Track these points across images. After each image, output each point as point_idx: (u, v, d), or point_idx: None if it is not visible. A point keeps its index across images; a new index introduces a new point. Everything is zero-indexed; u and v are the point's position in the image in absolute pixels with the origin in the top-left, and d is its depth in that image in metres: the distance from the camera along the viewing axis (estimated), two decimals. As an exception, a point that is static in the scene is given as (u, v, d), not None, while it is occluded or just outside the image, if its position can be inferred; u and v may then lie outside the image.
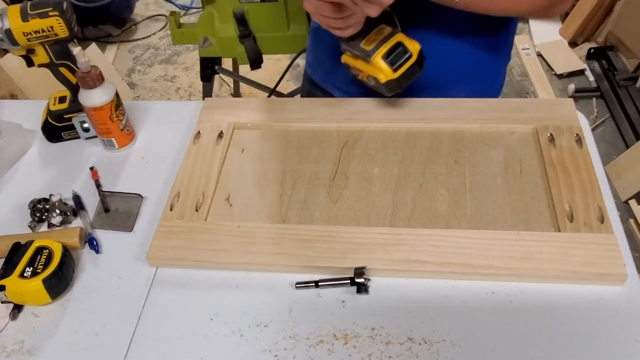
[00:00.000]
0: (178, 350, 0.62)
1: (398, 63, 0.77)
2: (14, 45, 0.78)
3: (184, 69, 2.59)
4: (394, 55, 0.76)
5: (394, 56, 0.76)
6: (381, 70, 0.76)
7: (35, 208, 0.77)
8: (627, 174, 1.84)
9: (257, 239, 0.70)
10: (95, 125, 0.84)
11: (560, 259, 0.64)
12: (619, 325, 0.61)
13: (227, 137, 0.84)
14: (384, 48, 0.76)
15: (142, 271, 0.70)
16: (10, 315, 0.66)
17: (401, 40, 0.76)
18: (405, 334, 0.62)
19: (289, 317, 0.64)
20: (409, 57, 0.77)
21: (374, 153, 0.81)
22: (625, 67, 2.29)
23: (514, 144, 0.80)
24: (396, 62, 0.76)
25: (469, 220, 0.71)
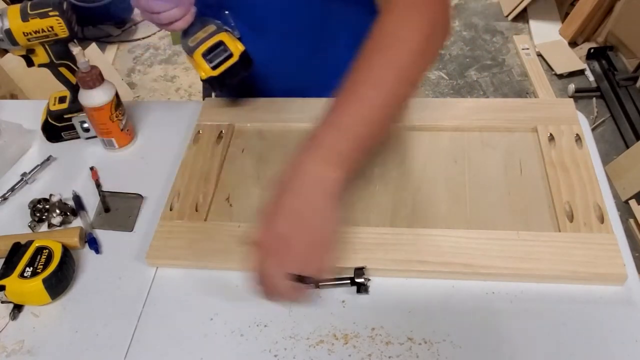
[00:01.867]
0: (178, 350, 0.62)
1: (217, 61, 0.79)
2: (14, 45, 0.78)
3: (184, 69, 2.59)
4: (214, 54, 0.79)
5: (215, 54, 0.79)
6: (201, 66, 0.79)
7: (35, 208, 0.77)
8: (627, 174, 1.84)
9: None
10: (95, 125, 0.84)
11: (560, 259, 0.64)
12: (619, 325, 0.61)
13: (227, 137, 0.84)
14: (205, 45, 0.79)
15: (142, 271, 0.70)
16: (10, 315, 0.66)
17: (223, 39, 0.79)
18: (405, 334, 0.62)
19: (289, 317, 0.64)
20: (229, 56, 0.79)
21: (373, 153, 0.81)
22: (625, 67, 2.29)
23: (514, 144, 0.80)
24: (215, 59, 0.79)
25: (469, 220, 0.71)
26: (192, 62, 0.82)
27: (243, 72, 0.81)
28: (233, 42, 0.80)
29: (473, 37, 2.63)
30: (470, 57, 2.53)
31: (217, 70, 0.80)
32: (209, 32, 0.79)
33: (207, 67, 0.79)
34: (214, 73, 0.80)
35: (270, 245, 0.59)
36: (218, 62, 0.79)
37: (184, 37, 0.81)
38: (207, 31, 0.80)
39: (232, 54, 0.79)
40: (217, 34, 0.79)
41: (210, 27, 0.80)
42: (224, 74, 0.80)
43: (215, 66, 0.79)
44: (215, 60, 0.79)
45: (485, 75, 2.44)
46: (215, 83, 0.81)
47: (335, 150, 0.60)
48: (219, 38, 0.79)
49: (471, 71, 2.46)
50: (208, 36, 0.79)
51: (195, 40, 0.80)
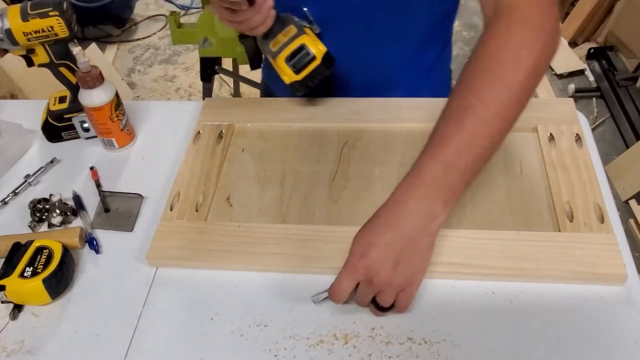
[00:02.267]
0: (178, 350, 0.62)
1: (300, 65, 0.79)
2: (14, 45, 0.78)
3: (184, 69, 2.59)
4: (297, 58, 0.78)
5: (298, 59, 0.78)
6: (285, 72, 0.79)
7: (35, 208, 0.77)
8: (627, 174, 1.84)
9: (257, 239, 0.70)
10: (95, 125, 0.84)
11: (560, 259, 0.64)
12: (619, 325, 0.61)
13: (227, 137, 0.84)
14: (287, 50, 0.78)
15: (142, 271, 0.70)
16: (10, 315, 0.66)
17: (305, 42, 0.78)
18: (405, 334, 0.62)
19: (289, 317, 0.64)
20: (312, 59, 0.78)
21: (374, 153, 0.81)
22: (625, 67, 2.29)
23: (514, 144, 0.80)
24: (299, 64, 0.79)
25: (469, 220, 0.71)
26: (274, 65, 0.81)
27: (326, 72, 0.80)
28: (315, 44, 0.79)
29: (473, 37, 2.63)
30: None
31: (301, 75, 0.79)
32: (290, 36, 0.78)
33: (291, 72, 0.79)
34: (298, 77, 0.79)
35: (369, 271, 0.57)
36: (301, 66, 0.79)
37: (265, 39, 0.80)
38: (288, 34, 0.79)
39: (315, 57, 0.78)
40: (299, 37, 0.78)
41: (291, 29, 0.79)
42: (308, 77, 0.79)
43: (299, 70, 0.79)
44: (298, 65, 0.79)
45: (485, 75, 2.43)
46: (299, 87, 0.81)
47: (440, 187, 0.58)
48: (300, 41, 0.78)
49: (471, 71, 2.45)
50: (290, 40, 0.78)
51: (277, 44, 0.79)
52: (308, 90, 0.82)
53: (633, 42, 2.25)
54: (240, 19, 0.74)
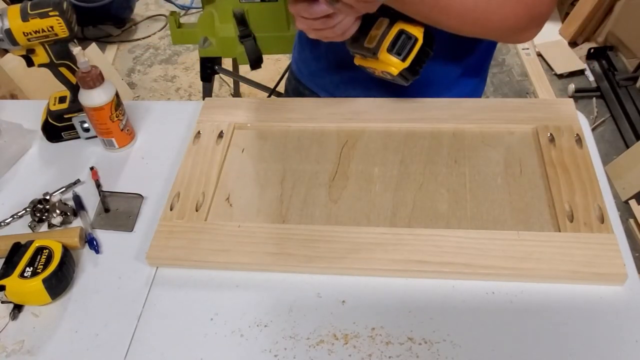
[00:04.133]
0: (178, 350, 0.62)
1: (405, 51, 0.75)
2: (14, 45, 0.78)
3: (184, 69, 2.59)
4: (399, 45, 0.74)
5: (400, 45, 0.74)
6: (391, 63, 0.75)
7: (35, 208, 0.77)
8: (627, 174, 1.84)
9: (257, 239, 0.70)
10: (95, 125, 0.84)
11: (560, 259, 0.64)
12: (619, 325, 0.61)
13: (227, 137, 0.84)
14: (387, 41, 0.74)
15: (142, 271, 0.70)
16: (10, 315, 0.66)
17: (402, 27, 0.74)
18: (405, 334, 0.62)
19: (289, 317, 0.64)
20: (415, 41, 0.75)
21: (374, 153, 0.81)
22: (625, 67, 2.29)
23: (514, 144, 0.80)
24: (403, 50, 0.74)
25: (469, 220, 0.71)
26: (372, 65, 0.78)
27: (430, 51, 0.76)
28: (412, 26, 0.74)
29: (473, 37, 2.63)
30: (470, 57, 2.53)
31: (408, 60, 0.75)
32: (384, 27, 0.75)
33: (397, 61, 0.75)
34: (406, 64, 0.75)
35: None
36: (406, 51, 0.74)
37: (355, 42, 0.77)
38: (380, 26, 0.75)
39: (417, 39, 0.74)
40: (394, 24, 0.74)
41: (382, 21, 0.75)
42: (415, 62, 0.75)
43: (405, 57, 0.75)
44: (403, 52, 0.74)
45: (485, 75, 2.43)
46: (408, 74, 0.76)
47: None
48: (398, 27, 0.74)
49: (471, 71, 2.45)
50: (386, 30, 0.74)
51: (372, 40, 0.75)
52: (417, 75, 0.77)
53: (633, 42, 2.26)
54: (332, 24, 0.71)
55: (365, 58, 0.78)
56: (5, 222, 0.77)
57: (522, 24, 0.73)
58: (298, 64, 1.02)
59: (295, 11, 0.71)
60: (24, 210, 0.78)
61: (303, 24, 0.72)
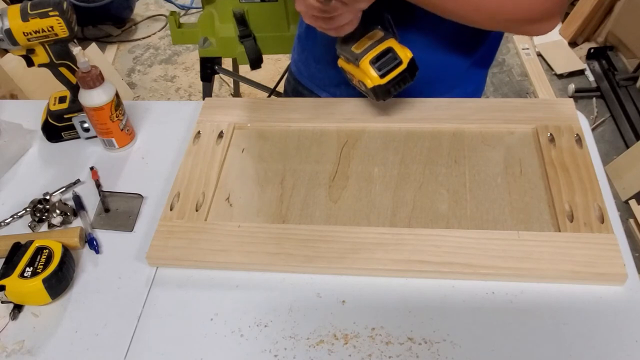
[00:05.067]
0: (178, 350, 0.62)
1: (386, 69, 0.75)
2: (14, 45, 0.78)
3: (184, 69, 2.59)
4: (383, 61, 0.75)
5: (383, 62, 0.75)
6: (368, 75, 0.75)
7: (36, 208, 0.77)
8: (627, 174, 1.84)
9: (257, 239, 0.70)
10: (95, 125, 0.84)
11: (560, 259, 0.64)
12: (619, 325, 0.61)
13: (227, 137, 0.84)
14: (374, 52, 0.75)
15: (142, 271, 0.70)
16: (10, 315, 0.66)
17: (392, 46, 0.75)
18: (405, 334, 0.62)
19: (289, 317, 0.64)
20: (399, 63, 0.75)
21: (374, 153, 0.81)
22: (625, 67, 2.29)
23: (514, 144, 0.80)
24: (384, 67, 0.75)
25: (469, 220, 0.71)
26: (351, 70, 0.78)
27: (409, 80, 0.77)
28: (402, 49, 0.75)
29: (473, 37, 2.63)
30: (470, 57, 2.53)
31: (385, 79, 0.75)
32: (376, 39, 0.75)
33: (375, 75, 0.75)
34: (382, 81, 0.75)
35: None
36: (387, 70, 0.75)
37: (345, 43, 0.77)
38: (373, 37, 0.75)
39: (401, 62, 0.75)
40: (386, 40, 0.75)
41: (376, 33, 0.76)
42: (391, 82, 0.76)
43: (384, 74, 0.75)
44: (383, 68, 0.75)
45: (485, 75, 2.43)
46: (380, 92, 0.76)
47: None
48: (388, 44, 0.75)
49: (471, 71, 2.46)
50: (376, 42, 0.75)
51: (361, 46, 0.75)
52: (388, 97, 0.78)
53: (633, 42, 2.26)
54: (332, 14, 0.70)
55: (348, 62, 0.78)
56: (5, 222, 0.77)
57: (536, 15, 0.72)
58: (298, 65, 1.02)
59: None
60: (24, 210, 0.78)
61: (302, 4, 0.71)
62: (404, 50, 0.76)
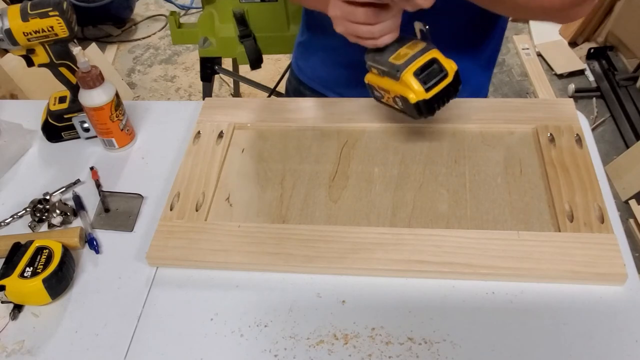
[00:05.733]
0: (178, 350, 0.62)
1: (432, 82, 0.68)
2: (14, 45, 0.78)
3: (184, 69, 2.59)
4: (427, 73, 0.68)
5: (427, 74, 0.68)
6: (412, 88, 0.68)
7: (36, 208, 0.77)
8: (627, 174, 1.84)
9: (257, 239, 0.70)
10: (95, 125, 0.84)
11: (560, 259, 0.64)
12: (619, 325, 0.61)
13: (227, 137, 0.84)
14: (417, 64, 0.68)
15: (142, 271, 0.70)
16: (10, 315, 0.66)
17: (437, 57, 0.69)
18: (405, 334, 0.62)
19: (289, 317, 0.64)
20: (445, 76, 0.68)
21: (374, 153, 0.81)
22: (625, 67, 2.29)
23: (514, 144, 0.80)
24: (429, 80, 0.68)
25: (469, 220, 0.71)
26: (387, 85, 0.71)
27: (453, 95, 0.70)
28: (446, 61, 0.69)
29: (473, 37, 2.63)
30: (470, 57, 2.53)
31: (431, 93, 0.68)
32: (418, 49, 0.68)
33: (420, 89, 0.67)
34: (427, 95, 0.68)
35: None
36: (433, 83, 0.68)
37: (380, 54, 0.69)
38: (414, 47, 0.69)
39: (447, 74, 0.68)
40: (429, 51, 0.68)
41: (417, 43, 0.69)
42: (436, 97, 0.69)
43: (430, 87, 0.68)
44: (430, 81, 0.68)
45: (485, 75, 2.43)
46: (424, 108, 0.69)
47: None
48: (432, 55, 0.68)
49: (471, 71, 2.46)
50: (419, 53, 0.68)
51: (400, 57, 0.68)
52: (431, 114, 0.70)
53: (633, 42, 2.25)
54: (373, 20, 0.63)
55: (382, 76, 0.71)
56: (5, 222, 0.77)
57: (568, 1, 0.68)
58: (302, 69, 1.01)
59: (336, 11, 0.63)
60: (24, 210, 0.78)
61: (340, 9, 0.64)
62: (449, 62, 0.70)
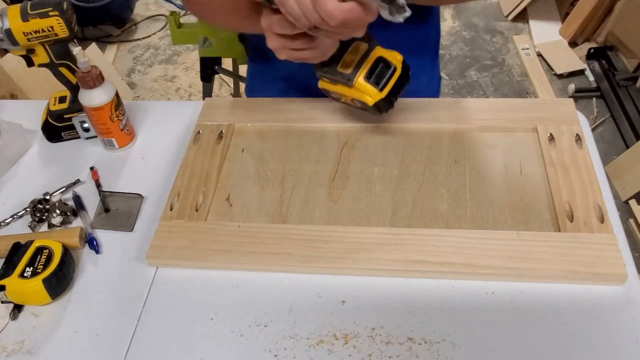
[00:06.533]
0: (178, 350, 0.62)
1: (383, 81, 0.70)
2: (14, 45, 0.78)
3: (184, 69, 2.59)
4: (377, 73, 0.70)
5: (377, 74, 0.70)
6: (368, 92, 0.70)
7: (35, 208, 0.77)
8: (627, 174, 1.84)
9: (257, 239, 0.70)
10: (95, 125, 0.84)
11: (560, 259, 0.64)
12: (619, 325, 0.61)
13: (227, 137, 0.84)
14: (365, 68, 0.69)
15: (142, 271, 0.70)
16: (10, 315, 0.66)
17: (381, 54, 0.70)
18: (405, 334, 0.62)
19: (289, 317, 0.64)
20: (394, 71, 0.70)
21: (374, 153, 0.81)
22: (625, 67, 2.29)
23: (514, 144, 0.80)
24: (381, 80, 0.70)
25: (469, 220, 0.71)
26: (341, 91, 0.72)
27: (405, 82, 0.72)
28: (390, 54, 0.70)
29: (473, 37, 2.63)
30: (470, 57, 2.53)
31: (385, 90, 0.70)
32: (362, 52, 0.69)
33: (375, 91, 0.69)
34: (383, 94, 0.70)
35: None
36: (385, 81, 0.69)
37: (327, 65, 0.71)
38: (358, 51, 0.70)
39: (395, 68, 0.70)
40: (373, 50, 0.69)
41: (359, 45, 0.70)
42: (392, 92, 0.71)
43: (383, 86, 0.69)
44: (381, 81, 0.69)
45: (485, 75, 2.44)
46: (383, 105, 0.72)
47: None
48: (377, 54, 0.69)
49: (471, 71, 2.46)
50: (364, 56, 0.69)
51: (347, 65, 0.69)
52: (391, 107, 0.73)
53: (633, 42, 2.26)
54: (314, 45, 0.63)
55: (335, 83, 0.73)
56: (5, 222, 0.77)
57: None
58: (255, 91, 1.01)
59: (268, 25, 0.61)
60: (24, 210, 0.78)
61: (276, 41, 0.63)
62: (393, 54, 0.71)
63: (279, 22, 0.59)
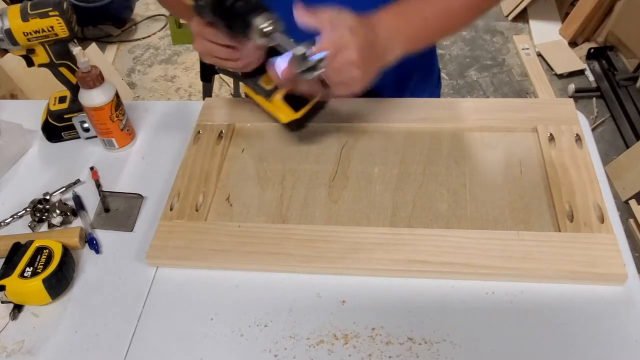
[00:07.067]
0: (178, 350, 0.62)
1: (300, 102, 0.72)
2: (14, 45, 0.78)
3: (184, 69, 2.58)
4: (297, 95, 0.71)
5: (297, 96, 0.71)
6: (282, 111, 0.72)
7: (36, 208, 0.77)
8: (627, 174, 1.84)
9: (257, 239, 0.70)
10: (95, 125, 0.84)
11: (560, 259, 0.64)
12: (619, 325, 0.61)
13: (227, 137, 0.84)
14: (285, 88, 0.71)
15: (142, 271, 0.70)
16: (10, 315, 0.66)
17: None
18: (405, 334, 0.62)
19: (289, 317, 0.64)
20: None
21: (374, 153, 0.81)
22: (625, 67, 2.29)
23: (514, 144, 0.80)
24: (298, 101, 0.71)
25: (469, 220, 0.71)
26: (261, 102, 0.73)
27: (323, 106, 0.73)
28: None
29: (473, 37, 2.63)
30: (470, 57, 2.53)
31: (301, 112, 0.71)
32: None
33: (290, 111, 0.71)
34: (297, 115, 0.71)
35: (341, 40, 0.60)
36: (302, 103, 0.71)
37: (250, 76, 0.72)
38: None
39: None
40: None
41: None
42: (307, 114, 0.72)
43: (299, 108, 0.71)
44: (299, 102, 0.71)
45: (485, 75, 2.44)
46: (296, 125, 0.74)
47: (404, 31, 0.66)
48: None
49: (471, 71, 2.46)
50: None
51: (270, 81, 0.70)
52: (302, 128, 0.75)
53: (633, 42, 2.25)
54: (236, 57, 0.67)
55: (256, 93, 0.75)
56: (5, 222, 0.77)
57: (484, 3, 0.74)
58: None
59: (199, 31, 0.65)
60: (24, 210, 0.78)
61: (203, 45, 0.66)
62: None
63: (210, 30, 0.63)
